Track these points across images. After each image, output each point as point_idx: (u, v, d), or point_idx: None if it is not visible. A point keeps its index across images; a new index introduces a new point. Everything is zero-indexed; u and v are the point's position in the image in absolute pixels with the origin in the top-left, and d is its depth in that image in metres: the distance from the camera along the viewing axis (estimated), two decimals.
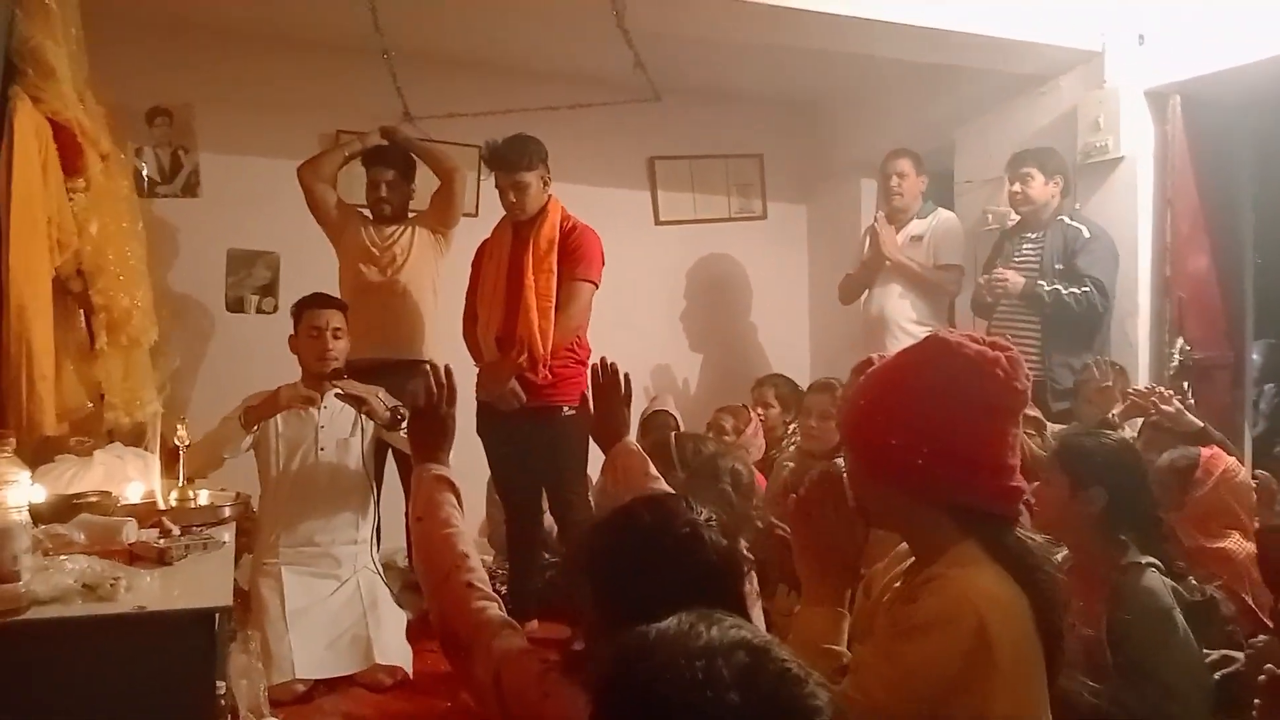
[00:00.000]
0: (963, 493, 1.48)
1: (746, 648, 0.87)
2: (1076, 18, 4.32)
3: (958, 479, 1.47)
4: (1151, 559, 2.26)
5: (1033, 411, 3.31)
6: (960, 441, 1.47)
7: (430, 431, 1.79)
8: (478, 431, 3.78)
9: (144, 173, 4.43)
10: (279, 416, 3.38)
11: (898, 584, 1.60)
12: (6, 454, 1.78)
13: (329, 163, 3.97)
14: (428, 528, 1.65)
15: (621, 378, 2.16)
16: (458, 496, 1.72)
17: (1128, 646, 2.14)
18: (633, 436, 2.20)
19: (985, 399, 1.48)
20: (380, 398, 3.36)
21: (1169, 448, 3.21)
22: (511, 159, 3.68)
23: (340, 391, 3.32)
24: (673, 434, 3.37)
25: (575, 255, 3.73)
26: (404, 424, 3.28)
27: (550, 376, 3.68)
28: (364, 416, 3.40)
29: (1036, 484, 2.29)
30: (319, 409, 3.41)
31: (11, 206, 2.70)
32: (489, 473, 4.02)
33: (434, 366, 1.85)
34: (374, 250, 3.92)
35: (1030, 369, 1.58)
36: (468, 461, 3.07)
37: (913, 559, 1.57)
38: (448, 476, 1.72)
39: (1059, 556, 2.21)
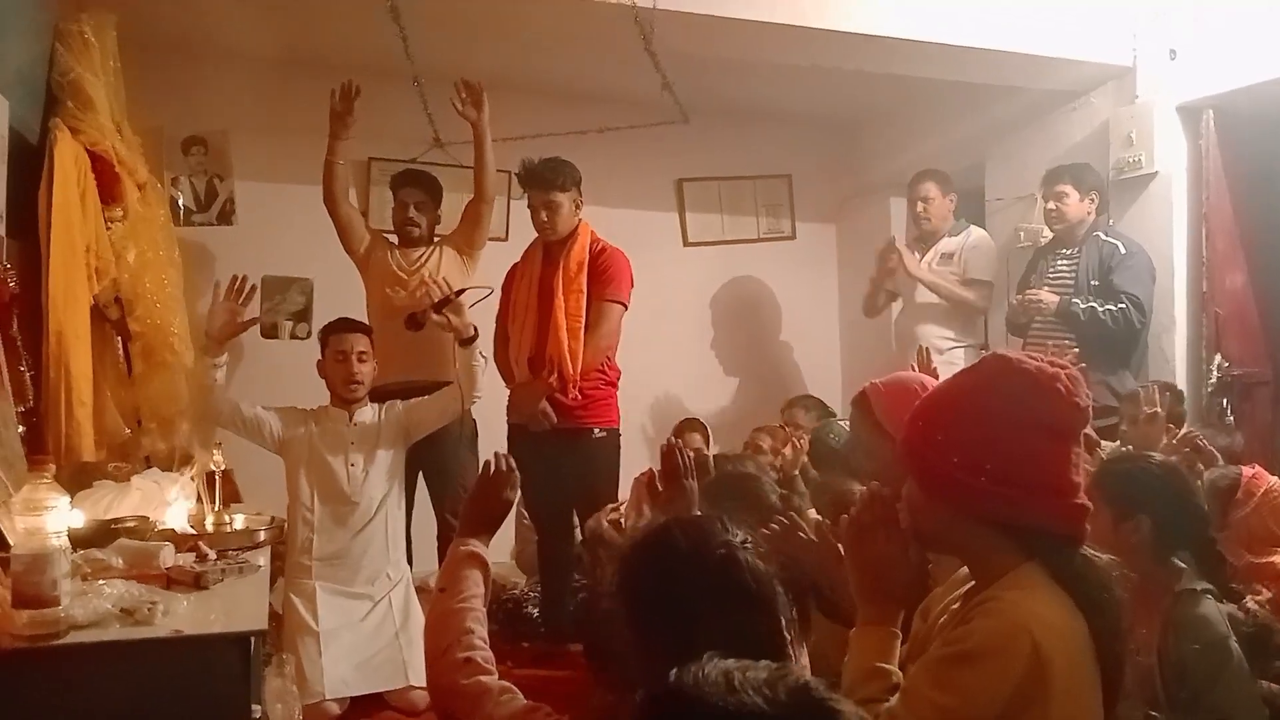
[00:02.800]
0: (1025, 513, 1.44)
1: (786, 684, 0.86)
2: (1107, 33, 4.29)
3: (1020, 499, 1.44)
4: (1206, 585, 2.21)
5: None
6: (1022, 461, 1.44)
7: (483, 510, 1.84)
8: (509, 452, 3.77)
9: (180, 201, 4.49)
10: (312, 431, 3.39)
11: (955, 606, 1.57)
12: (46, 480, 1.80)
13: (335, 175, 3.93)
14: (444, 601, 1.67)
15: (686, 458, 2.25)
16: (486, 575, 1.74)
17: (1182, 676, 2.08)
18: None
19: (1047, 417, 1.45)
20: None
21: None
22: (546, 178, 3.75)
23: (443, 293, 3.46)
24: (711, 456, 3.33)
25: (605, 276, 3.76)
26: (474, 342, 3.45)
27: (580, 397, 3.69)
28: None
29: None
30: (349, 426, 3.42)
31: (51, 235, 2.76)
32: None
33: (498, 455, 1.91)
34: (401, 274, 3.94)
35: None
36: None
37: (972, 582, 1.54)
38: (481, 554, 1.75)
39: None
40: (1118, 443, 3.48)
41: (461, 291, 3.53)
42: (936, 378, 2.41)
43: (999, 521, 1.45)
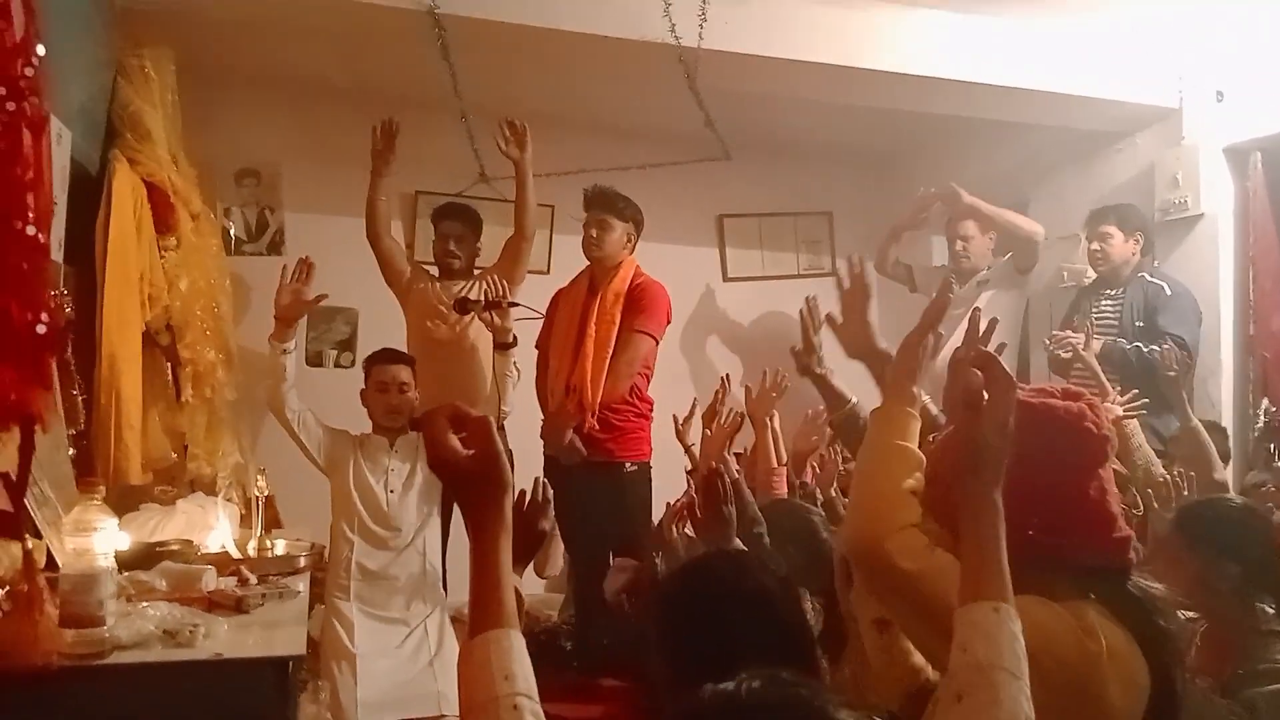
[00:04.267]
0: (1075, 554, 1.43)
1: (802, 704, 0.87)
2: (1153, 74, 4.28)
3: (1069, 542, 1.42)
4: None
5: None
6: (1066, 504, 1.43)
7: (517, 540, 1.80)
8: None
9: (231, 231, 4.59)
10: (357, 457, 3.43)
11: None
12: (96, 501, 1.84)
13: (377, 212, 4.02)
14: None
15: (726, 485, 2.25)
16: (520, 607, 1.71)
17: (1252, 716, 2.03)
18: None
19: (1082, 455, 1.45)
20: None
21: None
22: (609, 200, 3.90)
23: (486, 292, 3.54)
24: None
25: (637, 306, 3.81)
26: (513, 347, 3.50)
27: (597, 427, 3.71)
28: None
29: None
30: (390, 453, 3.46)
31: (108, 263, 2.83)
32: None
33: (537, 481, 1.91)
34: (441, 307, 4.00)
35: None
36: None
37: None
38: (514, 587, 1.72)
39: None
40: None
41: (514, 304, 3.59)
42: None
43: (1049, 566, 1.42)
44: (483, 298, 3.61)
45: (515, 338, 3.54)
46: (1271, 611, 2.17)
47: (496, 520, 1.16)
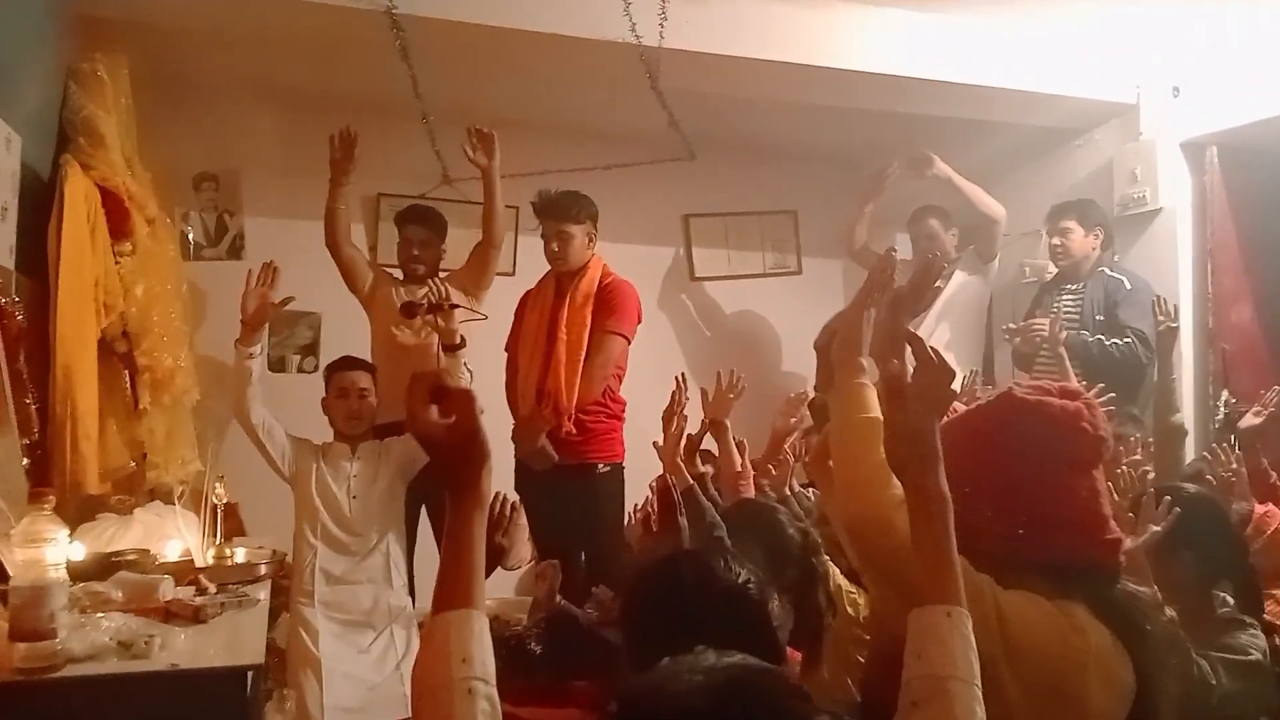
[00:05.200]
0: (1063, 553, 1.41)
1: (737, 669, 0.87)
2: (1111, 71, 4.33)
3: (1058, 542, 1.41)
4: (1248, 618, 2.18)
5: None
6: (1058, 503, 1.41)
7: None
8: (516, 489, 3.78)
9: (190, 236, 4.53)
10: (320, 464, 3.40)
11: None
12: (46, 512, 1.81)
13: (336, 220, 3.94)
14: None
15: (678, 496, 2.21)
16: None
17: (1224, 706, 2.05)
18: None
19: (1076, 455, 1.43)
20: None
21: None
22: (561, 208, 3.80)
23: (429, 295, 3.50)
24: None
25: (608, 307, 3.78)
26: (461, 349, 3.45)
27: (574, 431, 3.69)
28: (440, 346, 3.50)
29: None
30: (352, 459, 3.44)
31: (61, 270, 2.78)
32: None
33: (497, 496, 1.85)
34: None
35: None
36: None
37: None
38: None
39: None
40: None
41: (455, 306, 3.54)
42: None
43: (1037, 565, 1.41)
44: (426, 300, 3.58)
45: (463, 339, 3.51)
46: (1230, 600, 2.19)
47: (472, 493, 1.14)
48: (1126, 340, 3.92)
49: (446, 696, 1.03)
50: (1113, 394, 3.55)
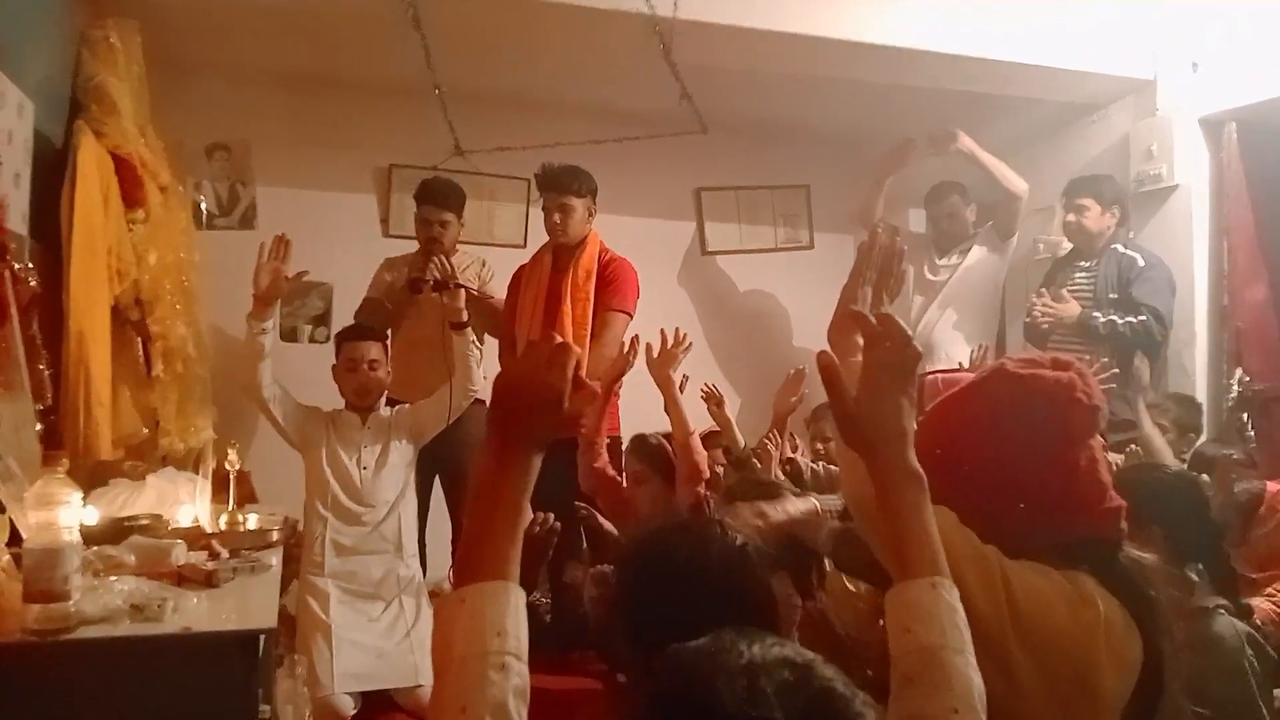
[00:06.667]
0: (1065, 525, 1.40)
1: (789, 665, 0.85)
2: (1128, 46, 4.28)
3: (1060, 514, 1.40)
4: (1220, 601, 2.18)
5: None
6: (1057, 475, 1.40)
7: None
8: None
9: (202, 205, 4.53)
10: (330, 434, 3.42)
11: None
12: (59, 475, 1.82)
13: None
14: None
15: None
16: None
17: (1199, 694, 2.05)
18: None
19: (1071, 426, 1.42)
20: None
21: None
22: (563, 182, 3.83)
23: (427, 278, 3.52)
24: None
25: (611, 286, 3.80)
26: (466, 328, 3.47)
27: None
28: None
29: None
30: (363, 430, 3.45)
31: (73, 237, 2.79)
32: None
33: (537, 517, 1.84)
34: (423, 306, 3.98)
35: None
36: None
37: None
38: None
39: None
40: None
41: (460, 285, 3.55)
42: None
43: (1041, 539, 1.41)
44: (433, 278, 3.57)
45: (469, 317, 3.52)
46: (1200, 583, 2.19)
47: (522, 451, 1.08)
48: (1141, 317, 3.90)
49: (478, 668, 0.99)
50: (1115, 370, 3.53)
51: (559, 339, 1.12)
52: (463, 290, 3.55)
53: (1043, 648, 1.29)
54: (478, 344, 3.62)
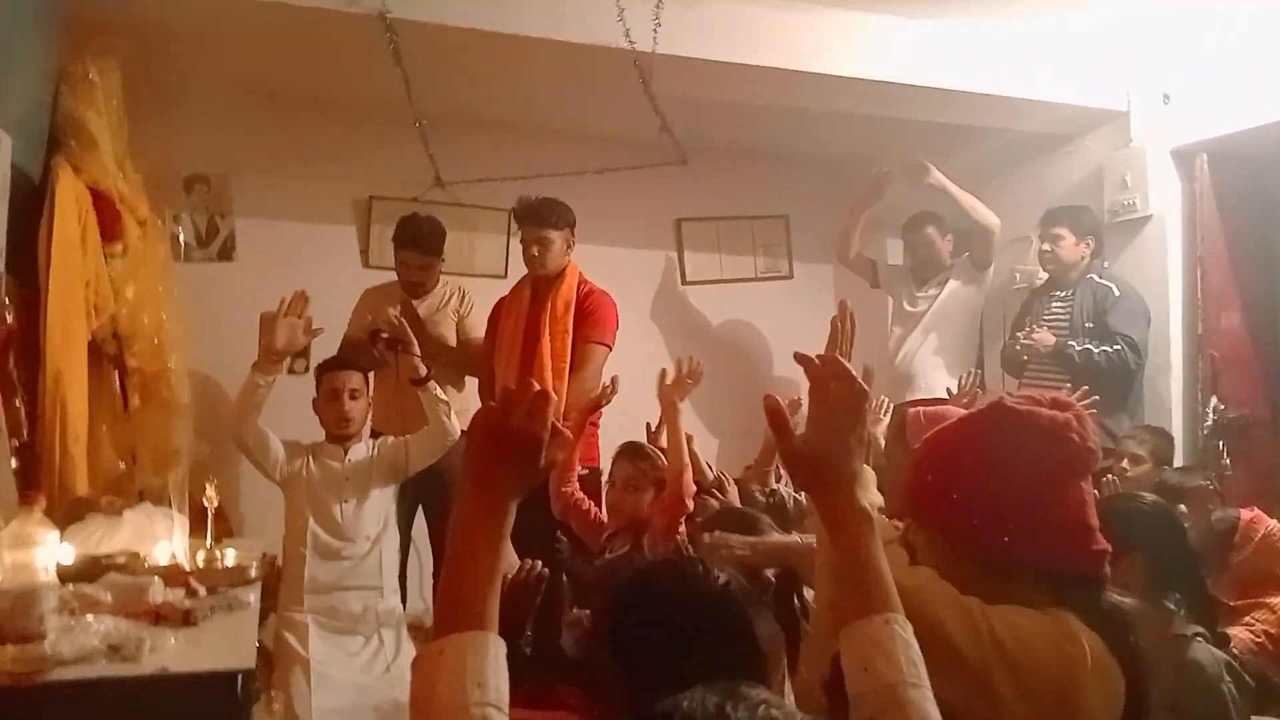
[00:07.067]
0: (1050, 562, 1.41)
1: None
2: (1101, 78, 4.35)
3: (1045, 550, 1.41)
4: (1198, 629, 2.20)
5: None
6: (1045, 512, 1.41)
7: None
8: None
9: (181, 238, 4.52)
10: (309, 466, 3.39)
11: None
12: (36, 515, 1.80)
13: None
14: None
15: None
16: None
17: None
18: None
19: (1064, 465, 1.43)
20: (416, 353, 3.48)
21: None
22: (541, 214, 3.84)
23: (384, 333, 3.51)
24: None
25: (591, 319, 3.81)
26: (428, 382, 3.41)
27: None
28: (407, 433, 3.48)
29: None
30: (344, 462, 3.42)
31: (51, 272, 2.78)
32: None
33: (524, 564, 1.85)
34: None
35: None
36: None
37: None
38: None
39: None
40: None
41: (407, 351, 3.51)
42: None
43: (1024, 573, 1.41)
44: (382, 340, 3.54)
45: (428, 370, 3.46)
46: (1178, 611, 2.20)
47: (498, 498, 1.10)
48: (1116, 347, 3.93)
49: (460, 718, 0.99)
50: (1096, 397, 3.56)
51: (537, 386, 1.13)
52: (414, 348, 3.51)
53: (1035, 688, 1.30)
54: (443, 397, 3.51)
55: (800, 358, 1.28)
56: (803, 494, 3.59)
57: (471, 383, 4.18)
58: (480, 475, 1.12)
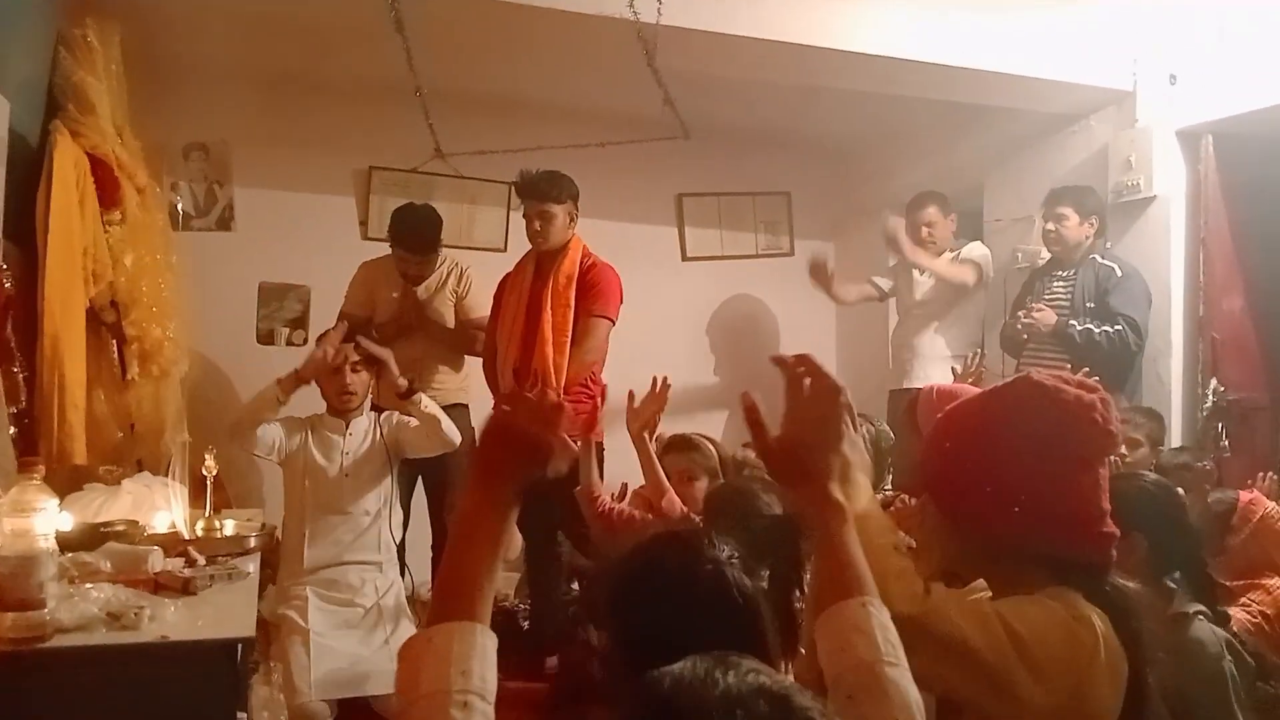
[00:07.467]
0: (1058, 543, 1.41)
1: (766, 695, 0.85)
2: (1107, 58, 4.31)
3: (1055, 531, 1.40)
4: (1199, 607, 2.20)
5: None
6: (1058, 491, 1.41)
7: None
8: None
9: (180, 206, 4.49)
10: (309, 439, 3.38)
11: None
12: (35, 481, 1.80)
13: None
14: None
15: None
16: None
17: (1181, 701, 2.06)
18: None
19: (1082, 446, 1.42)
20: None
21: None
22: (542, 188, 3.80)
23: (361, 347, 3.45)
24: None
25: (593, 292, 3.78)
26: (414, 395, 3.39)
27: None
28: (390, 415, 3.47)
29: None
30: (345, 435, 3.41)
31: (49, 238, 2.76)
32: None
33: None
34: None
35: None
36: None
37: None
38: None
39: None
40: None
41: (387, 362, 3.48)
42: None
43: (1030, 550, 1.41)
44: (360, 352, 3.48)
45: (408, 383, 3.42)
46: (1179, 590, 2.21)
47: (499, 490, 1.13)
48: (1116, 327, 3.92)
49: (441, 705, 1.00)
50: (1096, 378, 3.56)
51: (554, 396, 1.19)
52: (391, 366, 3.47)
53: (1047, 671, 1.30)
54: (431, 410, 3.45)
55: (775, 359, 1.31)
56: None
57: (470, 362, 4.17)
58: (486, 474, 1.16)
